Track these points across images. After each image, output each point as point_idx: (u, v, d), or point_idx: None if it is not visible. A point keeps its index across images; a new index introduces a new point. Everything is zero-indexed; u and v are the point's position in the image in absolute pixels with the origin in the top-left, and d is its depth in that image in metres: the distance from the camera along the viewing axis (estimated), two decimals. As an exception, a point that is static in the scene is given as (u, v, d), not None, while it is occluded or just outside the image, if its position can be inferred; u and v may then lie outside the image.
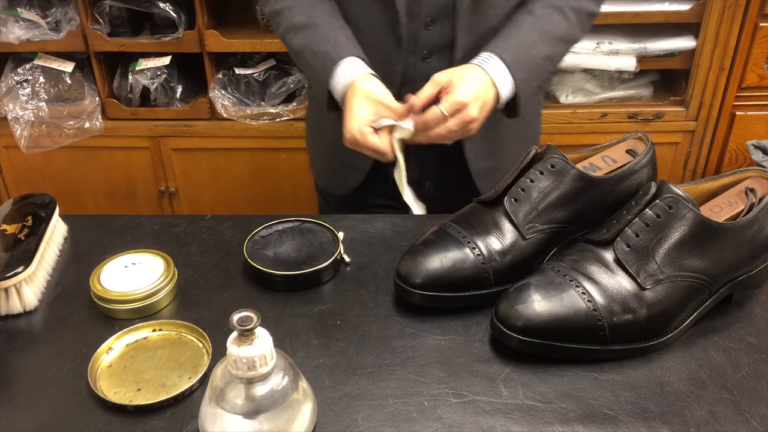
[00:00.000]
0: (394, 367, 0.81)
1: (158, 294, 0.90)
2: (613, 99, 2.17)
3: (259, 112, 2.12)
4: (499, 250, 0.88)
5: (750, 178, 0.92)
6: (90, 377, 0.79)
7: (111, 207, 2.34)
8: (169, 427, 0.75)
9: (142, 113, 2.17)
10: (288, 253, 0.97)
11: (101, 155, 2.25)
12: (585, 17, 1.14)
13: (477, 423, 0.74)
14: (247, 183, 2.28)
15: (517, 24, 1.11)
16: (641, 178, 0.93)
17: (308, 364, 0.82)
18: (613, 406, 0.76)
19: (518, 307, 0.79)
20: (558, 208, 0.89)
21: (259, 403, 0.68)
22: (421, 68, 1.16)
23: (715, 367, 0.81)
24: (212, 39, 2.04)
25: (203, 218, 1.08)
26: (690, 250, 0.80)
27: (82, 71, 2.16)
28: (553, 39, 1.11)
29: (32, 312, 0.91)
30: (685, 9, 2.00)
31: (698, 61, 2.07)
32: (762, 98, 2.14)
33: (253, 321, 0.65)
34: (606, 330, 0.79)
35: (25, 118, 2.14)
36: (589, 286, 0.80)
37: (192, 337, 0.86)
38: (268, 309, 0.90)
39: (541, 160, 0.90)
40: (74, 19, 2.07)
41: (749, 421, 0.74)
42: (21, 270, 0.89)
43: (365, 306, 0.91)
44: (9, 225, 0.98)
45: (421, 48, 1.16)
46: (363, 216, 1.08)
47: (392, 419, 0.75)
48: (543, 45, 1.10)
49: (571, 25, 1.12)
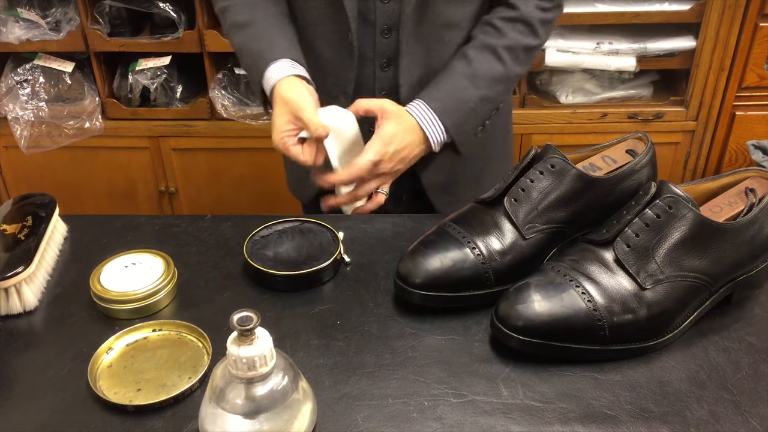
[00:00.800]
0: (394, 367, 0.81)
1: (158, 294, 0.90)
2: (613, 99, 2.17)
3: (258, 112, 2.12)
4: (499, 250, 0.88)
5: (750, 178, 0.93)
6: (90, 377, 0.79)
7: (111, 207, 2.34)
8: (169, 427, 0.75)
9: (142, 113, 2.17)
10: (288, 253, 0.97)
11: (101, 155, 2.25)
12: (522, 53, 1.13)
13: (477, 423, 0.74)
14: (247, 183, 2.28)
15: (450, 70, 1.12)
16: (641, 178, 0.93)
17: (308, 364, 0.82)
18: (613, 406, 0.76)
19: (518, 307, 0.79)
20: (558, 208, 0.89)
21: (259, 403, 0.68)
22: (382, 77, 1.16)
23: (715, 367, 0.81)
24: (212, 39, 2.04)
25: (203, 218, 1.08)
26: (690, 250, 0.80)
27: (82, 71, 2.16)
28: (487, 81, 1.12)
29: (32, 312, 0.91)
30: (685, 9, 2.00)
31: (698, 61, 2.07)
32: (762, 98, 2.14)
33: (253, 321, 0.65)
34: (606, 330, 0.79)
35: (25, 118, 2.14)
36: (589, 286, 0.80)
37: (192, 337, 0.86)
38: (268, 309, 0.90)
39: (541, 160, 0.90)
40: (74, 19, 2.07)
41: (749, 421, 0.74)
42: (21, 270, 0.89)
43: (365, 306, 0.91)
44: (9, 225, 0.98)
45: (378, 56, 1.15)
46: (363, 216, 1.08)
47: (392, 419, 0.75)
48: (476, 89, 1.11)
49: (505, 64, 1.12)
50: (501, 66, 1.12)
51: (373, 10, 1.11)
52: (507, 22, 1.11)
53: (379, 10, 1.10)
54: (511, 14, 1.12)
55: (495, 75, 1.12)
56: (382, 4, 1.10)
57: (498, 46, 1.11)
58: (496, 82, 1.13)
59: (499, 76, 1.13)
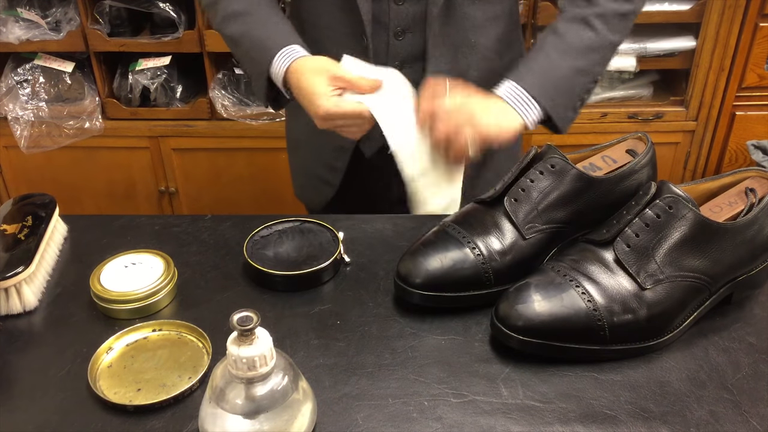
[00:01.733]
0: (394, 367, 0.81)
1: (158, 294, 0.90)
2: (613, 99, 2.17)
3: (259, 112, 2.12)
4: (499, 250, 0.88)
5: (750, 178, 0.92)
6: (90, 377, 0.79)
7: (111, 207, 2.34)
8: (169, 427, 0.75)
9: (142, 113, 2.17)
10: (288, 253, 0.97)
11: (101, 155, 2.25)
12: (616, 19, 1.10)
13: (477, 423, 0.74)
14: (247, 183, 2.28)
15: (540, 46, 1.09)
16: (641, 178, 0.93)
17: (308, 364, 0.82)
18: (613, 406, 0.76)
19: (518, 307, 0.79)
20: (558, 208, 0.89)
21: (259, 403, 0.68)
22: None
23: (715, 367, 0.81)
24: (212, 39, 2.04)
25: (203, 218, 1.08)
26: (690, 250, 0.80)
27: (82, 71, 2.16)
28: (581, 51, 1.08)
29: (32, 312, 0.91)
30: (685, 9, 2.01)
31: (698, 61, 2.07)
32: (762, 98, 2.14)
33: (253, 321, 0.65)
34: (606, 330, 0.79)
35: (25, 118, 2.14)
36: (589, 286, 0.80)
37: (192, 337, 0.86)
38: (268, 309, 0.90)
39: (541, 160, 0.90)
40: (74, 19, 2.07)
41: (749, 421, 0.74)
42: (21, 270, 0.89)
43: (365, 306, 0.91)
44: (9, 225, 0.98)
45: (392, 59, 1.14)
46: (363, 216, 1.08)
47: (392, 419, 0.75)
48: (570, 60, 1.07)
49: (598, 32, 1.08)
50: (594, 34, 1.08)
51: (387, 12, 1.10)
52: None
53: (393, 12, 1.10)
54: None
55: (588, 44, 1.08)
56: (397, 6, 1.09)
57: (589, 15, 1.08)
58: (591, 51, 1.09)
59: (594, 45, 1.08)
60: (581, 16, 1.08)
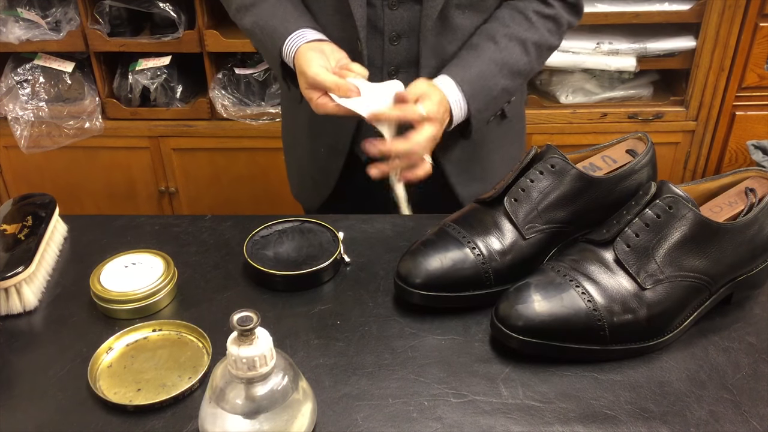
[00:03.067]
0: (394, 367, 0.81)
1: (158, 294, 0.90)
2: (613, 99, 2.17)
3: (259, 112, 2.12)
4: (499, 250, 0.88)
5: (750, 178, 0.93)
6: (90, 377, 0.79)
7: (111, 207, 2.34)
8: (169, 427, 0.75)
9: (142, 113, 2.17)
10: (288, 253, 0.97)
11: (101, 155, 2.25)
12: (545, 51, 1.14)
13: (477, 423, 0.74)
14: (247, 183, 2.28)
15: (479, 52, 1.10)
16: (641, 178, 0.93)
17: (308, 364, 0.82)
18: (613, 406, 0.76)
19: (518, 307, 0.79)
20: (558, 208, 0.89)
21: (259, 403, 0.68)
22: None
23: (715, 367, 0.81)
24: (212, 39, 2.04)
25: (203, 218, 1.08)
26: (690, 250, 0.80)
27: (82, 71, 2.16)
28: (512, 72, 1.11)
29: (32, 312, 0.91)
30: (685, 9, 2.00)
31: (698, 61, 2.07)
32: (762, 98, 2.14)
33: (253, 321, 0.65)
34: (606, 330, 0.79)
35: (25, 118, 2.14)
36: (589, 286, 0.80)
37: (192, 337, 0.86)
38: (268, 309, 0.90)
39: (541, 160, 0.90)
40: (74, 19, 2.07)
41: (749, 421, 0.74)
42: (21, 270, 0.89)
43: (365, 306, 0.91)
44: (9, 225, 0.98)
45: (387, 64, 1.14)
46: (363, 216, 1.08)
47: (392, 419, 0.75)
48: (502, 78, 1.10)
49: (531, 59, 1.12)
50: (527, 60, 1.11)
51: (381, 17, 1.10)
52: (541, 18, 1.11)
53: (388, 17, 1.10)
54: (546, 11, 1.11)
55: (520, 68, 1.11)
56: (391, 11, 1.09)
57: (528, 40, 1.10)
58: (518, 76, 1.12)
59: (523, 69, 1.12)
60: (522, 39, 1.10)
